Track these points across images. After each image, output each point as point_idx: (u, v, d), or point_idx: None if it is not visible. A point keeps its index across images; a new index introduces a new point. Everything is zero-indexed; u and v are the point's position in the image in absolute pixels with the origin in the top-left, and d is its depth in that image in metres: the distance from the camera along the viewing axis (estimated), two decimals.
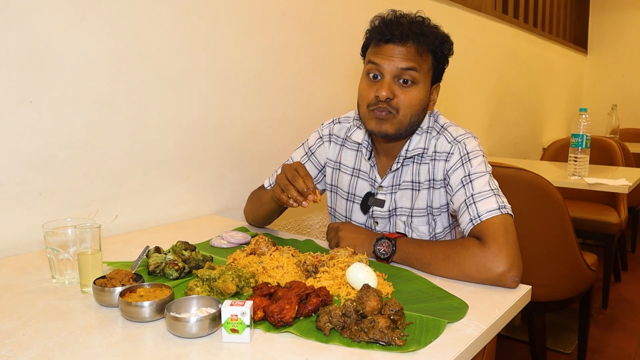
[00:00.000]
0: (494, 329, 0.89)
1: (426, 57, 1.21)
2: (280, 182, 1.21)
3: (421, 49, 1.18)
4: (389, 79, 1.18)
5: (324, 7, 2.11)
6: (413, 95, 1.19)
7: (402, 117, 1.20)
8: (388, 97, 1.17)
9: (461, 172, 1.20)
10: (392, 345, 0.79)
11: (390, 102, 1.18)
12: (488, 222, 1.10)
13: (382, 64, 1.18)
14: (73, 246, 1.06)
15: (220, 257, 1.23)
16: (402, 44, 1.17)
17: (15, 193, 1.27)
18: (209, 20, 1.67)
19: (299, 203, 1.18)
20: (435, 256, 1.11)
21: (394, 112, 1.19)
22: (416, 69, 1.18)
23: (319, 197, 1.18)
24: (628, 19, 5.56)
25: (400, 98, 1.19)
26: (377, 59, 1.19)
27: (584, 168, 2.39)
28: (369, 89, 1.21)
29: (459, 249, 1.09)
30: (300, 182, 1.17)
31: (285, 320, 0.84)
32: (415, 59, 1.18)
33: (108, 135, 1.44)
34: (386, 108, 1.19)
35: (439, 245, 1.13)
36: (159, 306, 0.87)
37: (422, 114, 1.25)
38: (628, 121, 4.93)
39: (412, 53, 1.18)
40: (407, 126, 1.22)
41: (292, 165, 1.22)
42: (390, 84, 1.18)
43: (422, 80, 1.20)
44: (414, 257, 1.14)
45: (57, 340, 0.81)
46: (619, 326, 2.60)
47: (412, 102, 1.19)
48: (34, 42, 1.26)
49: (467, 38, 3.26)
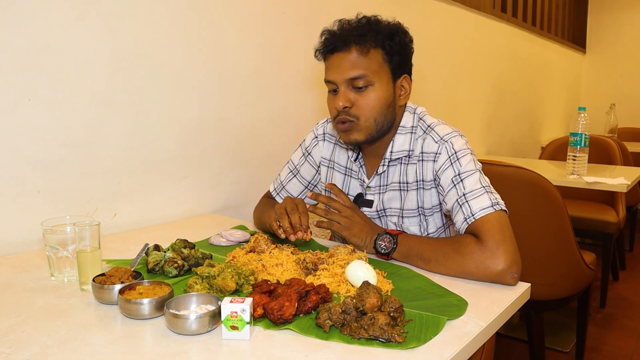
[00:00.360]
0: (493, 326, 0.90)
1: (374, 54, 1.19)
2: (277, 210, 1.23)
3: (365, 48, 1.18)
4: (343, 89, 1.20)
5: (323, 5, 2.11)
6: (371, 97, 1.19)
7: (365, 122, 1.20)
8: (345, 105, 1.18)
9: (451, 172, 1.19)
10: (392, 342, 0.79)
11: (349, 111, 1.20)
12: (483, 220, 1.10)
13: (333, 78, 1.20)
14: (72, 244, 1.06)
15: (219, 255, 1.23)
16: (345, 49, 1.18)
17: (14, 191, 1.27)
18: (207, 19, 1.67)
19: (287, 235, 1.19)
20: (435, 253, 1.11)
21: (354, 119, 1.20)
22: (364, 74, 1.17)
23: (309, 237, 1.20)
24: (626, 18, 5.57)
25: (358, 103, 1.19)
26: (328, 74, 1.22)
27: (583, 167, 2.40)
28: (331, 103, 1.24)
29: (457, 246, 1.09)
30: (296, 217, 1.20)
31: (285, 318, 0.84)
32: (361, 62, 1.18)
33: (107, 134, 1.44)
34: (345, 118, 1.20)
35: (440, 242, 1.13)
36: (158, 303, 0.87)
37: (389, 111, 1.23)
38: (626, 120, 4.94)
39: (357, 56, 1.18)
40: (375, 129, 1.22)
41: (294, 200, 1.25)
42: (346, 92, 1.19)
43: (377, 79, 1.19)
44: (415, 253, 1.14)
45: (56, 337, 0.81)
46: (617, 325, 2.61)
47: (371, 105, 1.19)
48: (32, 40, 1.26)
49: (465, 37, 3.26)
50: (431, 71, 2.94)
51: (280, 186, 1.50)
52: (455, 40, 3.14)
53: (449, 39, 3.07)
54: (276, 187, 1.52)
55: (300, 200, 1.26)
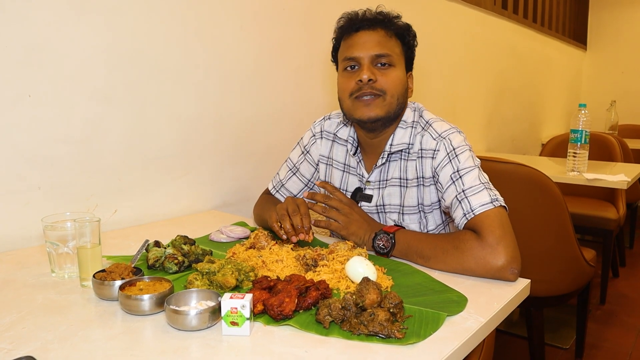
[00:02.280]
0: (493, 322, 0.90)
1: (395, 41, 1.24)
2: (279, 211, 1.22)
3: (390, 33, 1.22)
4: (367, 63, 1.20)
5: (322, 1, 2.10)
6: (394, 75, 1.21)
7: (390, 97, 1.21)
8: (370, 78, 1.19)
9: (450, 168, 1.19)
10: (392, 338, 0.79)
11: (373, 84, 1.20)
12: (483, 215, 1.10)
13: (358, 54, 1.21)
14: (72, 240, 1.06)
15: (219, 251, 1.23)
16: (372, 29, 1.22)
17: (14, 188, 1.27)
18: (207, 15, 1.66)
19: (288, 236, 1.18)
20: (434, 250, 1.11)
21: (380, 94, 1.20)
22: (389, 53, 1.21)
23: (311, 238, 1.19)
24: (627, 15, 5.55)
25: (383, 80, 1.20)
26: (351, 51, 1.22)
27: (583, 164, 2.39)
28: (348, 80, 1.23)
29: (457, 243, 1.09)
30: (298, 219, 1.19)
31: (285, 314, 0.85)
32: (387, 42, 1.21)
33: (107, 130, 1.44)
34: (371, 92, 1.20)
35: (438, 239, 1.13)
36: (158, 299, 0.87)
37: (404, 97, 1.26)
38: (627, 117, 4.94)
39: (383, 37, 1.21)
40: (395, 108, 1.23)
41: (295, 200, 1.24)
42: (370, 67, 1.20)
43: (398, 63, 1.23)
44: (413, 250, 1.14)
45: (56, 333, 0.81)
46: (616, 322, 2.61)
47: (395, 83, 1.21)
48: (32, 37, 1.26)
49: (466, 33, 3.26)
50: (431, 68, 2.93)
51: (279, 184, 1.50)
52: (455, 36, 3.13)
53: (450, 36, 3.07)
54: (275, 184, 1.51)
55: (301, 200, 1.26)
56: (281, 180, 1.50)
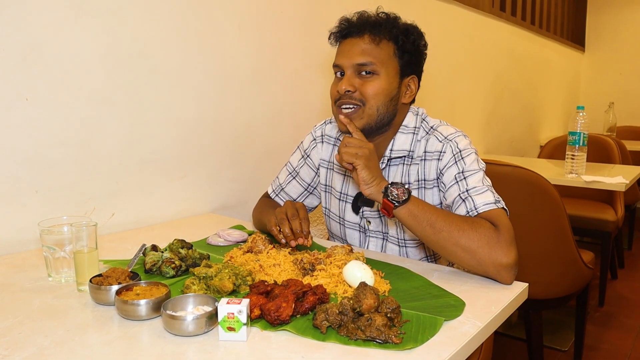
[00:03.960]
0: (491, 326, 0.90)
1: (385, 45, 1.20)
2: (278, 215, 1.22)
3: (378, 38, 1.19)
4: (349, 73, 1.20)
5: (321, 4, 2.10)
6: (374, 85, 1.19)
7: (369, 108, 1.19)
8: (347, 89, 1.18)
9: (454, 169, 1.19)
10: (389, 343, 0.79)
11: (352, 94, 1.19)
12: (492, 213, 1.10)
13: (341, 62, 1.21)
14: (69, 244, 1.06)
15: (217, 255, 1.23)
16: (358, 35, 1.20)
17: (11, 191, 1.26)
18: (205, 17, 1.66)
19: (287, 240, 1.18)
20: (449, 225, 1.06)
21: (360, 104, 1.19)
22: (371, 62, 1.18)
23: (310, 242, 1.19)
24: (625, 16, 5.56)
25: (362, 89, 1.19)
26: (337, 58, 1.23)
27: (581, 166, 2.40)
28: (333, 87, 1.24)
29: (475, 226, 1.05)
30: (297, 223, 1.19)
31: (282, 319, 0.84)
32: (372, 50, 1.19)
33: (104, 133, 1.43)
34: (350, 102, 1.19)
35: (455, 216, 1.09)
36: (155, 304, 0.87)
37: (390, 105, 1.22)
38: (625, 119, 4.94)
39: (368, 44, 1.19)
40: (376, 119, 1.21)
41: (295, 204, 1.24)
42: (350, 77, 1.19)
43: (383, 70, 1.20)
44: (426, 217, 1.07)
45: (53, 338, 0.81)
46: (615, 323, 2.61)
47: (375, 92, 1.19)
48: (30, 39, 1.25)
49: (464, 35, 3.26)
50: (430, 69, 2.92)
51: (279, 188, 1.49)
52: (454, 38, 3.13)
53: (448, 38, 3.07)
54: (275, 188, 1.51)
55: (301, 205, 1.25)
56: (281, 184, 1.49)
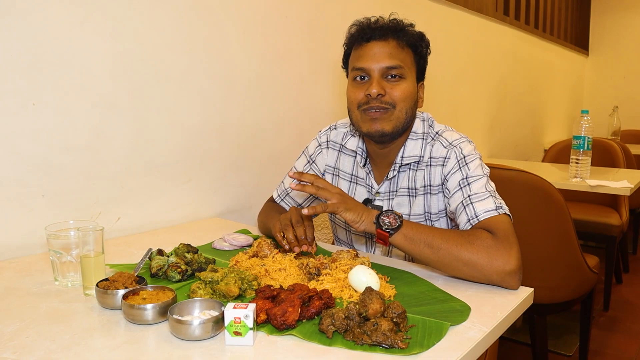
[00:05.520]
0: (496, 331, 0.89)
1: (407, 51, 1.22)
2: (282, 221, 1.22)
3: (402, 43, 1.20)
4: (377, 76, 1.19)
5: (326, 9, 2.11)
6: (403, 88, 1.20)
7: (399, 111, 1.20)
8: (379, 93, 1.18)
9: (459, 175, 1.20)
10: (395, 348, 0.79)
11: (382, 98, 1.19)
12: (492, 220, 1.10)
13: (368, 65, 1.19)
14: (76, 248, 1.07)
15: (222, 260, 1.23)
16: (383, 39, 1.19)
17: (18, 195, 1.27)
18: (210, 23, 1.67)
19: (291, 247, 1.17)
20: (446, 242, 1.05)
21: (389, 107, 1.19)
22: (400, 65, 1.19)
23: (314, 249, 1.18)
24: (629, 20, 5.56)
25: (392, 93, 1.19)
26: (361, 62, 1.21)
27: (586, 170, 2.39)
28: (357, 91, 1.22)
29: (472, 239, 1.05)
30: (301, 230, 1.19)
31: (288, 323, 0.84)
32: (398, 53, 1.19)
33: (110, 138, 1.44)
34: (380, 106, 1.19)
35: (451, 232, 1.09)
36: (161, 309, 0.87)
37: (414, 109, 1.25)
38: (629, 123, 4.93)
39: (394, 48, 1.19)
40: (403, 122, 1.21)
41: (300, 210, 1.22)
42: (379, 81, 1.19)
43: (408, 75, 1.21)
44: (422, 238, 1.06)
45: (59, 342, 0.81)
46: (620, 328, 2.60)
47: (404, 96, 1.20)
48: (36, 44, 1.26)
49: (468, 39, 3.26)
50: (433, 74, 2.92)
51: (284, 192, 1.49)
52: (457, 43, 3.14)
53: (451, 42, 3.07)
54: (280, 193, 1.50)
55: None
56: (286, 189, 1.49)
